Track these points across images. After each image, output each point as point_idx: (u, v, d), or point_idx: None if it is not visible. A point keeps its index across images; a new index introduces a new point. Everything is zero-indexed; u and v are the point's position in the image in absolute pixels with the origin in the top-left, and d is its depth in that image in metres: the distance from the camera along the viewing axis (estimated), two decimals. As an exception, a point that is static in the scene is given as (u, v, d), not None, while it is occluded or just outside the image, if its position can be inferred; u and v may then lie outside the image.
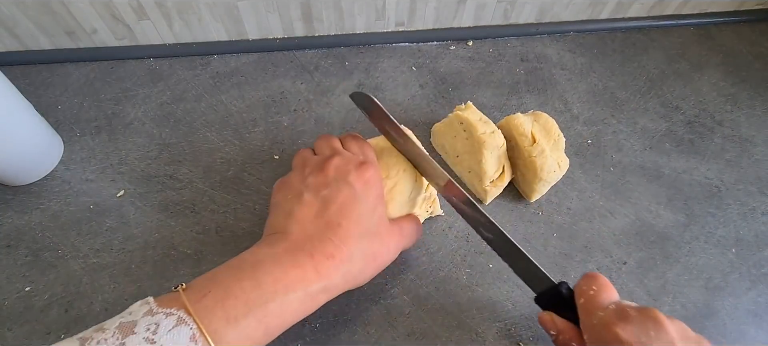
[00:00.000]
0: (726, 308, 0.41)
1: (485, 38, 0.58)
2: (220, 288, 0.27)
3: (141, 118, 0.49)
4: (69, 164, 0.46)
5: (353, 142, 0.37)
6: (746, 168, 0.49)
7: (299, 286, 0.28)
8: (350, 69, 0.54)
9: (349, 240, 0.31)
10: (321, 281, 0.29)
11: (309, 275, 0.29)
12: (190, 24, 0.51)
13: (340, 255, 0.30)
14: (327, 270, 0.29)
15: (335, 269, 0.30)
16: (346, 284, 0.31)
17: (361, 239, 0.31)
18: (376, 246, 0.33)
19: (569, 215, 0.45)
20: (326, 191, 0.32)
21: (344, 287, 0.32)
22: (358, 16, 0.53)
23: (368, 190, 0.33)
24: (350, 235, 0.31)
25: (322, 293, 0.30)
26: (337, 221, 0.31)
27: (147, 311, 0.25)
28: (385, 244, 0.33)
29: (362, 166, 0.34)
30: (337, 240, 0.30)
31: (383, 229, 0.33)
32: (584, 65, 0.56)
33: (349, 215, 0.31)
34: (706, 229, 0.45)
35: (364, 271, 0.32)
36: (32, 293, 0.39)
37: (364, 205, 0.32)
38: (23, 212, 0.43)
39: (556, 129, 0.43)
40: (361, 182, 0.33)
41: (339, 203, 0.32)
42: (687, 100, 0.54)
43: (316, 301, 0.30)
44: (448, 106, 0.49)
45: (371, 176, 0.33)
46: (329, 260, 0.30)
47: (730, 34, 0.60)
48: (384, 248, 0.33)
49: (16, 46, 0.51)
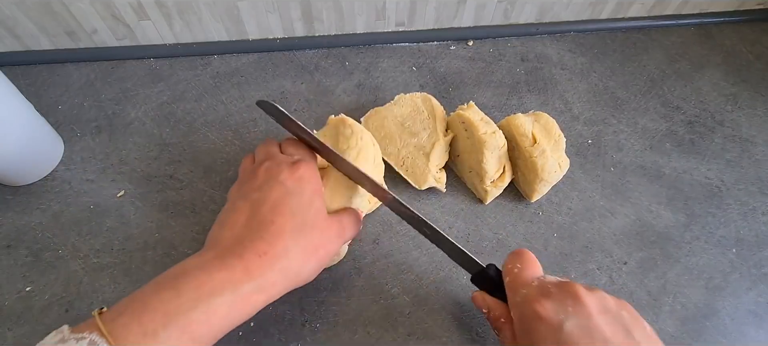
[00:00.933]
0: (726, 308, 0.41)
1: (485, 38, 0.58)
2: (137, 304, 0.26)
3: (141, 118, 0.49)
4: (69, 164, 0.46)
5: (290, 145, 0.36)
6: (747, 168, 0.49)
7: (226, 289, 0.27)
8: (350, 69, 0.54)
9: (283, 235, 0.30)
10: (253, 280, 0.28)
11: (237, 276, 0.28)
12: (190, 24, 0.51)
13: (273, 251, 0.29)
14: (259, 269, 0.28)
15: (269, 266, 0.29)
16: (287, 281, 0.30)
17: (297, 233, 0.30)
18: (316, 238, 0.32)
19: (570, 215, 0.45)
20: (257, 194, 0.32)
21: (286, 285, 0.30)
22: (359, 16, 0.53)
23: (301, 186, 0.32)
24: (284, 230, 0.30)
25: (257, 293, 0.28)
26: (270, 218, 0.30)
27: (59, 339, 0.24)
28: (325, 235, 0.32)
29: (294, 164, 0.33)
30: (270, 237, 0.29)
31: (321, 221, 0.32)
32: (585, 65, 0.56)
33: (282, 212, 0.30)
34: (707, 229, 0.45)
35: (305, 265, 0.31)
36: (32, 293, 0.39)
37: (297, 199, 0.31)
38: (23, 212, 0.43)
39: (557, 129, 0.43)
40: (293, 179, 0.32)
41: (271, 202, 0.31)
42: (687, 100, 0.54)
43: (250, 302, 0.28)
44: (449, 106, 0.49)
45: (304, 172, 0.33)
46: (261, 258, 0.29)
47: (731, 34, 0.60)
48: (324, 239, 0.32)
49: (16, 47, 0.51)
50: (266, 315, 0.38)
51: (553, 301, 0.30)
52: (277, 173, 0.32)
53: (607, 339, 0.28)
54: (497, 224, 0.44)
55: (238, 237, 0.30)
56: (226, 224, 0.31)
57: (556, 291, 0.31)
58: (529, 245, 0.43)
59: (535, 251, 0.43)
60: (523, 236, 0.44)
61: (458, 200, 0.45)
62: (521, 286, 0.33)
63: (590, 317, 0.29)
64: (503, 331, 0.33)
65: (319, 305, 0.39)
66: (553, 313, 0.29)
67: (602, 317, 0.29)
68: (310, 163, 0.34)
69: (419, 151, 0.44)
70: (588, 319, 0.29)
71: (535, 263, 0.34)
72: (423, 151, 0.44)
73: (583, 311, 0.29)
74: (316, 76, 0.53)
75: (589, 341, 0.28)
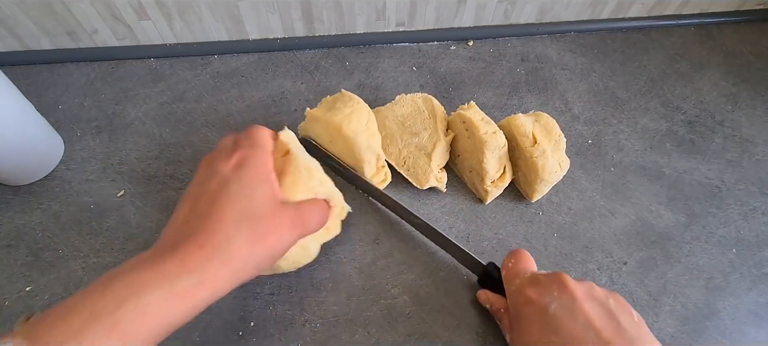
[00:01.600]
0: (727, 308, 0.41)
1: (486, 38, 0.58)
2: (64, 306, 0.24)
3: (141, 118, 0.49)
4: (69, 164, 0.46)
5: (244, 133, 0.34)
6: (747, 168, 0.49)
7: (158, 284, 0.25)
8: (350, 69, 0.54)
9: (223, 224, 0.28)
10: (190, 273, 0.26)
11: (171, 270, 0.26)
12: (190, 24, 0.51)
13: (211, 242, 0.27)
14: (197, 261, 0.27)
15: (209, 257, 0.27)
16: (234, 273, 0.28)
17: (239, 221, 0.29)
18: (263, 226, 0.29)
19: (570, 215, 0.45)
20: (196, 188, 0.31)
21: (232, 277, 0.28)
22: (359, 16, 0.53)
23: (240, 172, 0.30)
24: (223, 219, 0.28)
25: (198, 287, 0.27)
26: (207, 210, 0.29)
27: None
28: (275, 222, 0.30)
29: (233, 152, 0.32)
30: (208, 228, 0.28)
31: (270, 208, 0.30)
32: (585, 65, 0.56)
33: (219, 201, 0.29)
34: (707, 229, 0.45)
35: (252, 254, 0.29)
36: (33, 293, 0.39)
37: (237, 187, 0.30)
38: (24, 212, 0.43)
39: (557, 129, 0.43)
40: (230, 167, 0.31)
41: (209, 194, 0.30)
42: (688, 100, 0.54)
43: (190, 297, 0.26)
44: (449, 106, 0.49)
45: (243, 157, 0.31)
46: (200, 250, 0.27)
47: (731, 34, 0.60)
48: (273, 226, 0.30)
49: (16, 47, 0.51)
50: (266, 315, 0.38)
51: (541, 287, 0.33)
52: (216, 163, 0.31)
53: (590, 320, 0.30)
54: (497, 223, 0.44)
55: (176, 233, 0.29)
56: (169, 224, 0.30)
57: (545, 280, 0.33)
58: (530, 245, 0.43)
59: (536, 251, 0.43)
60: (524, 236, 0.44)
61: (458, 199, 0.45)
62: (515, 277, 0.36)
63: (575, 301, 0.31)
64: (503, 321, 0.37)
65: (319, 305, 0.39)
66: (541, 297, 0.32)
67: (587, 302, 0.31)
68: (251, 149, 0.32)
69: (420, 151, 0.44)
70: (573, 302, 0.31)
71: (528, 259, 0.37)
72: (424, 151, 0.44)
73: (569, 295, 0.31)
74: (316, 76, 0.53)
75: (572, 321, 0.30)
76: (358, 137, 0.40)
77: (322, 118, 0.41)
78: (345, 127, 0.39)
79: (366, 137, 0.40)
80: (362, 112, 0.41)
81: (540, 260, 0.43)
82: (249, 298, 0.39)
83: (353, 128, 0.40)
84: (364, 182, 0.43)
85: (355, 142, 0.40)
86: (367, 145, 0.41)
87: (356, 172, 0.42)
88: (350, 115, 0.40)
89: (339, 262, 0.41)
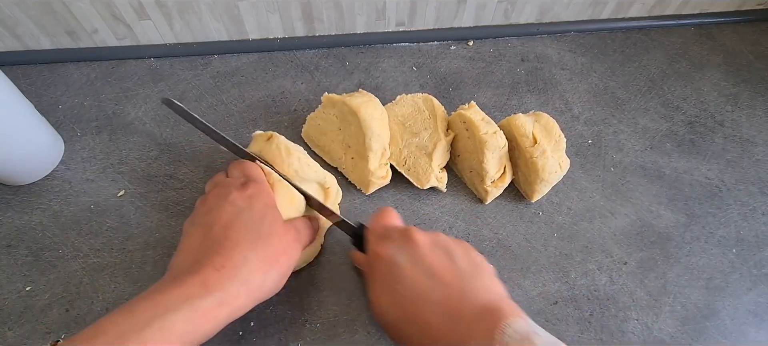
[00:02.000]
0: (727, 308, 0.41)
1: (486, 38, 0.58)
2: (90, 330, 0.26)
3: (141, 118, 0.49)
4: (69, 164, 0.46)
5: (235, 168, 0.37)
6: (747, 168, 0.49)
7: (182, 305, 0.27)
8: (350, 69, 0.54)
9: (239, 247, 0.30)
10: (211, 293, 0.28)
11: (194, 291, 0.28)
12: (190, 24, 0.51)
13: (231, 263, 0.29)
14: (218, 281, 0.28)
15: (229, 278, 0.29)
16: (251, 292, 0.30)
17: (253, 243, 0.31)
18: (275, 246, 0.32)
19: (570, 215, 0.45)
20: (208, 217, 0.32)
21: (250, 297, 0.30)
22: (359, 15, 0.53)
23: (252, 202, 0.33)
24: (239, 242, 0.30)
25: (219, 307, 0.28)
26: (224, 235, 0.31)
27: None
28: (284, 243, 0.33)
29: (243, 184, 0.34)
30: (226, 251, 0.30)
31: (278, 229, 0.33)
32: (585, 65, 0.56)
33: (235, 227, 0.31)
34: (707, 229, 0.45)
35: (268, 274, 0.31)
36: (33, 292, 0.39)
37: (249, 214, 0.32)
38: (24, 212, 0.43)
39: (557, 130, 0.43)
40: (243, 198, 0.33)
41: (222, 221, 0.31)
42: (688, 100, 0.54)
43: (211, 317, 0.28)
44: (449, 106, 0.49)
45: (253, 191, 0.34)
46: (219, 271, 0.29)
47: (731, 34, 0.60)
48: (283, 246, 0.33)
49: (16, 46, 0.51)
50: (266, 315, 0.39)
51: (389, 241, 0.34)
52: (226, 194, 0.33)
53: (431, 266, 0.32)
54: (497, 224, 0.44)
55: (194, 258, 0.30)
56: (181, 250, 0.31)
57: (395, 235, 0.34)
58: (529, 245, 0.43)
59: (535, 251, 0.43)
60: (523, 236, 0.44)
61: (458, 199, 0.45)
62: (372, 234, 0.36)
63: (419, 250, 0.32)
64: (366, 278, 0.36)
65: (319, 305, 0.39)
66: (389, 251, 0.33)
67: (430, 249, 0.33)
68: (258, 181, 0.35)
69: (421, 150, 0.44)
70: (417, 252, 0.32)
71: (390, 216, 0.37)
72: (425, 151, 0.44)
73: (414, 246, 0.33)
74: (316, 76, 0.53)
75: (415, 269, 0.32)
76: (372, 123, 0.41)
77: (339, 101, 0.42)
78: (362, 111, 0.40)
79: (379, 125, 0.41)
80: (378, 104, 0.43)
81: (540, 260, 0.43)
82: (249, 298, 0.39)
83: (370, 113, 0.41)
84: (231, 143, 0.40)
85: (369, 126, 0.41)
86: (378, 133, 0.41)
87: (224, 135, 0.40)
88: (368, 102, 0.42)
89: (339, 262, 0.41)
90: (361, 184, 0.44)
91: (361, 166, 0.43)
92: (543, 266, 0.42)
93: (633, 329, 0.40)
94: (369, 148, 0.41)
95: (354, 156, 0.44)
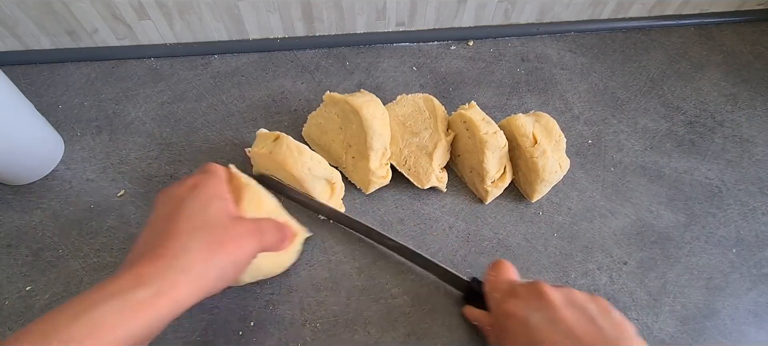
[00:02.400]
0: (727, 308, 0.41)
1: (486, 38, 0.58)
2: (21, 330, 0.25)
3: (142, 117, 0.49)
4: (70, 164, 0.46)
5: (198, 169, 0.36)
6: (747, 168, 0.49)
7: (113, 298, 0.25)
8: (351, 69, 0.54)
9: (179, 236, 0.29)
10: (145, 285, 0.26)
11: (125, 284, 0.26)
12: (190, 24, 0.51)
13: (168, 253, 0.28)
14: (153, 272, 0.27)
15: (166, 267, 0.27)
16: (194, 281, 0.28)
17: (193, 231, 0.29)
18: (219, 233, 0.30)
19: (570, 215, 0.45)
20: (153, 214, 0.32)
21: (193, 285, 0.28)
22: (359, 15, 0.53)
23: (196, 192, 0.31)
24: (179, 231, 0.29)
25: (156, 298, 0.26)
26: (164, 227, 0.30)
27: None
28: (232, 232, 0.31)
29: (188, 178, 0.33)
30: (164, 241, 0.29)
31: (225, 219, 0.31)
32: (585, 65, 0.56)
33: (175, 218, 0.30)
34: (707, 229, 0.45)
35: (211, 261, 0.29)
36: (33, 292, 0.39)
37: (191, 203, 0.31)
38: (24, 212, 0.43)
39: (557, 130, 0.43)
40: (186, 189, 0.32)
41: (165, 215, 0.31)
42: (688, 100, 0.54)
43: (149, 308, 0.26)
44: (449, 106, 0.49)
45: (198, 181, 0.32)
46: (155, 262, 0.27)
47: (731, 34, 0.60)
48: (231, 235, 0.30)
49: (17, 46, 0.51)
50: (266, 315, 0.39)
51: (520, 299, 0.33)
52: (173, 191, 0.32)
53: (570, 328, 0.30)
54: (498, 223, 0.44)
55: (134, 254, 0.29)
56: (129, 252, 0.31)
57: (523, 291, 0.33)
58: (530, 245, 0.43)
59: (535, 251, 0.43)
60: (524, 236, 0.44)
61: (459, 199, 0.45)
62: (495, 291, 0.35)
63: (554, 310, 0.31)
64: (490, 336, 0.36)
65: (319, 305, 0.39)
66: (521, 310, 0.32)
67: (566, 309, 0.31)
68: (204, 175, 0.33)
69: (421, 150, 0.44)
70: (552, 311, 0.31)
71: (509, 270, 0.36)
72: (425, 151, 0.44)
73: (548, 305, 0.31)
74: (316, 76, 0.53)
75: (553, 330, 0.30)
76: (374, 122, 0.41)
77: (341, 100, 0.42)
78: (364, 110, 0.41)
79: (380, 124, 0.41)
80: (380, 104, 0.43)
81: (540, 260, 0.43)
82: (249, 298, 0.39)
83: (372, 112, 0.41)
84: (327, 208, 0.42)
85: (371, 125, 0.41)
86: (379, 133, 0.41)
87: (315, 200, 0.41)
88: (370, 101, 0.42)
89: (339, 262, 0.41)
90: (361, 183, 0.44)
91: (361, 166, 0.43)
92: (543, 266, 0.42)
93: (633, 329, 0.40)
94: (370, 148, 0.41)
95: (355, 155, 0.44)
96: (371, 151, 0.42)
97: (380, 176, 0.43)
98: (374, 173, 0.42)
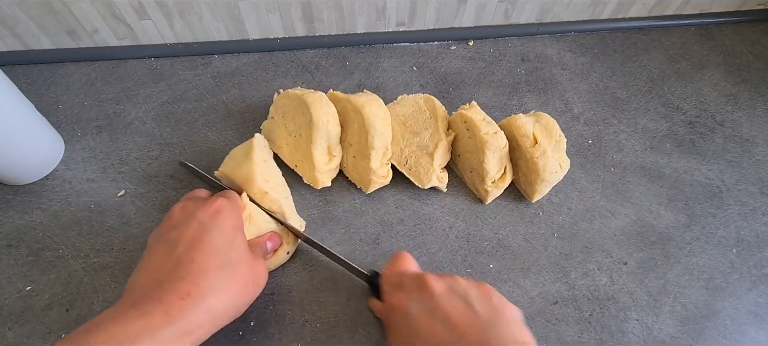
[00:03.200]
0: (727, 308, 0.41)
1: (486, 38, 0.58)
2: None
3: (142, 117, 0.49)
4: (70, 164, 0.46)
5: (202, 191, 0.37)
6: (747, 168, 0.49)
7: (143, 337, 0.25)
8: (351, 69, 0.54)
9: (207, 274, 0.29)
10: (174, 324, 0.27)
11: (156, 322, 0.26)
12: (191, 24, 0.51)
13: (197, 291, 0.28)
14: (182, 311, 0.27)
15: (194, 307, 0.28)
16: (215, 320, 0.29)
17: (222, 269, 0.30)
18: (244, 273, 0.31)
19: (570, 215, 0.45)
20: (173, 233, 0.31)
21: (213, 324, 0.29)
22: (359, 15, 0.53)
23: (219, 220, 0.32)
24: (207, 268, 0.29)
25: (181, 337, 0.27)
26: (190, 257, 0.29)
27: None
28: (253, 269, 0.32)
29: (210, 201, 0.33)
30: (192, 277, 0.28)
31: (247, 258, 0.32)
32: (585, 65, 0.56)
33: (202, 248, 0.30)
34: (707, 229, 0.45)
35: (235, 302, 0.30)
36: (33, 292, 0.39)
37: (217, 235, 0.31)
38: (24, 212, 0.43)
39: (558, 130, 0.43)
40: (209, 214, 0.32)
41: (188, 239, 0.30)
42: (688, 101, 0.54)
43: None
44: (449, 106, 0.49)
45: (220, 206, 0.32)
46: (184, 300, 0.27)
47: (731, 34, 0.60)
48: (253, 273, 0.32)
49: (17, 46, 0.51)
50: (266, 315, 0.39)
51: (403, 291, 0.33)
52: (193, 210, 0.32)
53: (447, 315, 0.30)
54: (498, 224, 0.44)
55: (156, 281, 0.29)
56: (142, 269, 0.30)
57: (408, 282, 0.33)
58: (530, 245, 0.43)
59: (536, 251, 0.43)
60: (524, 236, 0.44)
61: (459, 199, 0.46)
62: (386, 283, 0.35)
63: (434, 299, 0.31)
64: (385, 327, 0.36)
65: (319, 305, 0.39)
66: (403, 302, 0.32)
67: (446, 297, 0.31)
68: (227, 199, 0.34)
69: (422, 150, 0.44)
70: (432, 301, 0.31)
71: (405, 262, 0.36)
72: (426, 151, 0.44)
73: (429, 295, 0.31)
74: (316, 76, 0.53)
75: (431, 320, 0.30)
76: (375, 121, 0.41)
77: (343, 99, 0.43)
78: (366, 109, 0.41)
79: (382, 124, 0.41)
80: (381, 103, 0.43)
81: (540, 260, 0.43)
82: (249, 298, 0.39)
83: (374, 111, 0.41)
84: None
85: (372, 124, 0.41)
86: (381, 132, 0.41)
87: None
88: (371, 101, 0.42)
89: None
90: (361, 183, 0.44)
91: (362, 165, 0.43)
92: (543, 266, 0.42)
93: (633, 329, 0.40)
94: (371, 147, 0.41)
95: (355, 154, 0.44)
96: (372, 151, 0.42)
97: (381, 175, 0.43)
98: (375, 173, 0.42)
